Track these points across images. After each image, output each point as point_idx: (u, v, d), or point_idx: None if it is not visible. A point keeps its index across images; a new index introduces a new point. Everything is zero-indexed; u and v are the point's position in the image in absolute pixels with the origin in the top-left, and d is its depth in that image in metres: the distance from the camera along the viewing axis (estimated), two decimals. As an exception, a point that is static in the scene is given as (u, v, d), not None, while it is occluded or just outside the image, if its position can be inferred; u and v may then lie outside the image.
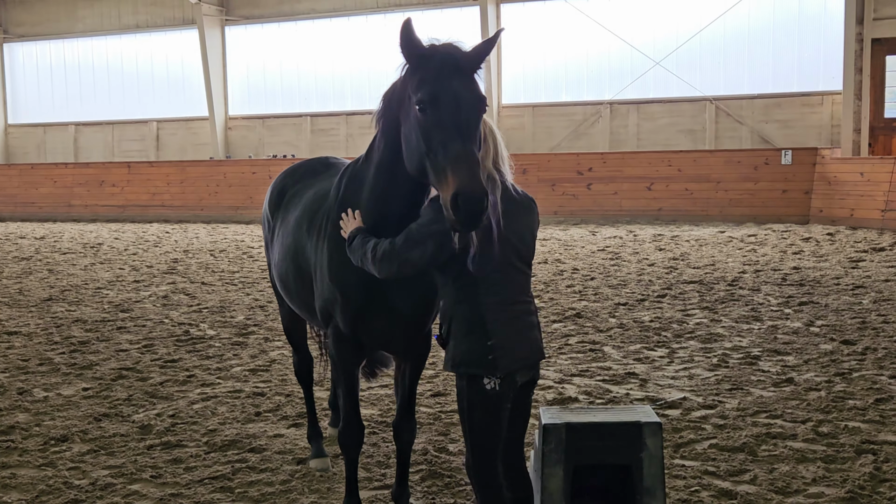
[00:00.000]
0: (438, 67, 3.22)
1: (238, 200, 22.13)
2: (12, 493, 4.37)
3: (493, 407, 3.32)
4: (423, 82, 3.20)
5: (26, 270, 13.02)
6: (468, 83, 3.25)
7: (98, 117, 27.29)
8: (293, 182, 4.57)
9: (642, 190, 19.24)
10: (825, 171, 17.87)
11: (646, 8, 21.25)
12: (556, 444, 3.69)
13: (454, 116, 3.14)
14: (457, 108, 3.15)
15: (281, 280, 4.40)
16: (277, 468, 4.69)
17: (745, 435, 5.03)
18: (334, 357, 3.81)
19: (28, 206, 24.60)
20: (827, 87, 19.79)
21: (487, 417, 3.34)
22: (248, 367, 6.90)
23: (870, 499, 4.15)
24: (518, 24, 22.34)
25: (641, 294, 9.88)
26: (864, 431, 5.08)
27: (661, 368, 6.66)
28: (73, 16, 27.12)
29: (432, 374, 6.53)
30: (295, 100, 24.74)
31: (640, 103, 21.44)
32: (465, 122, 3.15)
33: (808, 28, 19.94)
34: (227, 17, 25.10)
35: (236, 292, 10.60)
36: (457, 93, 3.18)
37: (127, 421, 5.54)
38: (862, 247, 13.56)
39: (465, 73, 3.26)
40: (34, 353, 7.48)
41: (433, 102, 3.15)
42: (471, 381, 3.32)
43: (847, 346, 7.17)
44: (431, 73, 3.21)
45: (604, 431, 3.71)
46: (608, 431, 3.71)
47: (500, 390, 3.29)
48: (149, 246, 16.38)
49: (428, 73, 3.21)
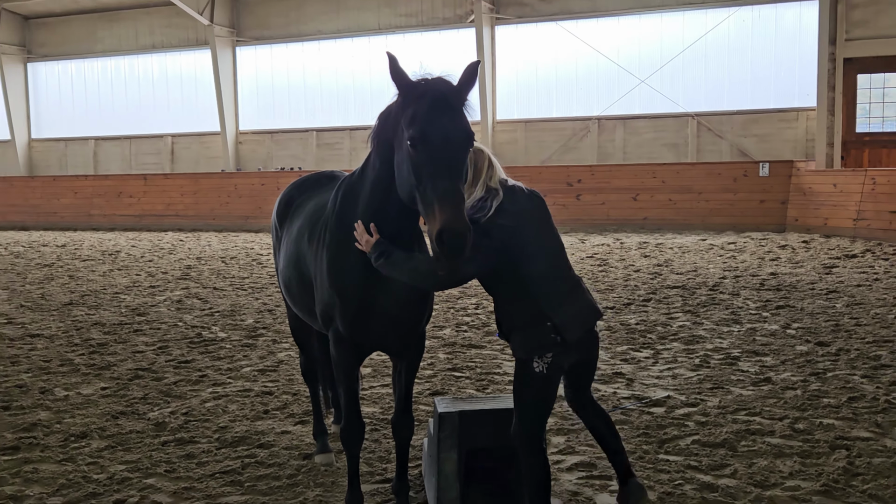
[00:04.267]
0: (429, 105, 3.23)
1: (248, 210, 22.15)
2: (34, 487, 4.37)
3: (541, 386, 3.48)
4: (415, 120, 3.22)
5: (48, 276, 13.02)
6: (457, 120, 3.27)
7: (116, 132, 27.30)
8: (299, 194, 4.58)
9: (628, 200, 19.27)
10: (800, 182, 17.91)
11: (631, 29, 21.32)
12: (450, 430, 3.81)
13: (442, 155, 3.17)
14: (445, 146, 3.19)
15: (285, 285, 4.40)
16: (284, 463, 4.68)
17: (725, 431, 5.03)
18: (335, 358, 3.81)
19: (50, 216, 24.62)
20: (802, 103, 19.86)
21: (537, 395, 3.49)
22: (257, 368, 6.89)
23: (843, 492, 4.14)
24: (511, 44, 22.43)
25: (628, 298, 9.89)
26: (838, 428, 5.08)
27: (647, 368, 6.66)
28: (93, 37, 27.17)
29: (430, 374, 6.53)
30: (301, 115, 24.79)
31: (626, 119, 21.49)
32: (452, 160, 3.19)
33: (784, 48, 20.01)
34: (238, 38, 25.15)
35: (246, 297, 10.60)
36: (446, 131, 3.21)
37: (143, 418, 5.53)
38: (835, 254, 13.58)
39: (455, 108, 3.28)
40: (55, 354, 7.47)
41: (423, 140, 3.18)
42: (524, 364, 3.48)
43: (821, 348, 7.18)
44: (422, 109, 3.23)
45: (493, 418, 3.85)
46: (497, 417, 3.83)
47: (546, 373, 3.45)
48: (164, 253, 16.38)
49: (419, 110, 3.23)
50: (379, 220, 3.53)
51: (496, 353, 7.25)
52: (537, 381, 3.47)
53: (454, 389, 6.12)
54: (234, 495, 4.24)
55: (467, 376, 6.47)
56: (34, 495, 4.25)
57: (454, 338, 7.85)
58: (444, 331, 8.17)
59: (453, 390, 6.09)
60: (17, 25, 27.76)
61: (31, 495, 4.26)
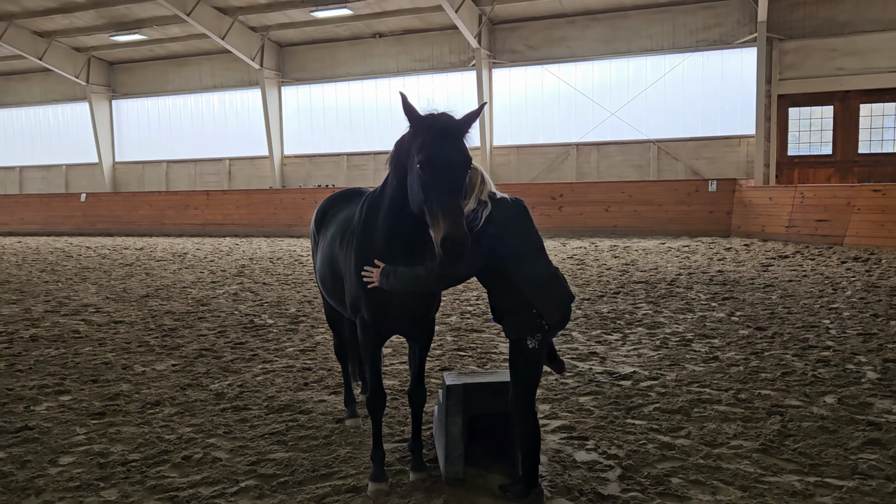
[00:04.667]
0: (434, 135, 3.25)
1: (291, 220, 22.20)
2: (118, 445, 4.38)
3: (534, 359, 3.51)
4: (423, 146, 3.23)
5: (129, 274, 13.07)
6: (458, 147, 3.28)
7: (184, 156, 27.40)
8: (332, 206, 4.58)
9: (601, 211, 19.24)
10: (742, 196, 17.85)
11: (604, 70, 21.32)
12: (456, 399, 3.79)
13: (446, 176, 3.19)
14: (448, 169, 3.21)
15: (321, 281, 4.40)
16: (321, 426, 4.69)
17: (681, 400, 5.01)
18: (361, 340, 3.81)
19: (130, 225, 24.73)
20: (743, 131, 19.82)
21: (531, 367, 3.52)
22: (298, 348, 6.90)
23: (778, 450, 4.12)
24: (505, 84, 22.42)
25: (601, 291, 9.87)
26: (773, 398, 5.06)
27: (616, 349, 6.65)
28: (165, 78, 27.28)
29: (439, 353, 6.53)
30: (335, 142, 24.84)
31: (600, 144, 21.46)
32: (454, 180, 3.21)
33: (728, 86, 19.98)
34: (283, 79, 25.20)
35: (290, 290, 10.62)
36: (449, 157, 3.22)
37: (205, 390, 5.55)
38: (771, 255, 13.53)
39: (456, 138, 3.30)
40: (135, 337, 7.50)
41: (430, 164, 3.20)
42: (520, 343, 3.49)
43: (760, 332, 7.15)
44: (429, 139, 3.24)
45: (492, 389, 3.84)
46: (495, 389, 3.83)
47: (538, 348, 3.49)
48: (222, 255, 16.42)
49: (427, 138, 3.24)
50: (395, 229, 3.53)
51: (493, 336, 7.24)
52: (531, 356, 3.48)
53: (459, 366, 6.12)
54: (279, 452, 4.25)
55: (470, 355, 6.47)
56: (117, 452, 4.27)
57: (459, 323, 7.85)
58: (451, 318, 8.17)
59: (459, 366, 6.09)
60: (104, 70, 27.89)
61: (114, 452, 4.27)
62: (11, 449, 4.33)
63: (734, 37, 19.67)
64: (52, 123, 29.56)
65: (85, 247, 19.41)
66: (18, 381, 5.79)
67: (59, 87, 28.81)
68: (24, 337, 7.49)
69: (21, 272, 13.51)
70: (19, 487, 3.78)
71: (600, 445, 4.22)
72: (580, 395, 5.20)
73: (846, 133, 18.38)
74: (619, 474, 3.83)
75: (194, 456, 4.18)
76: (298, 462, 4.06)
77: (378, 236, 3.59)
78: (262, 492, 3.70)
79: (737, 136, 19.96)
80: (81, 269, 13.96)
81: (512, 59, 22.13)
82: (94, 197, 26.01)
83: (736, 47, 19.69)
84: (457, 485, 3.72)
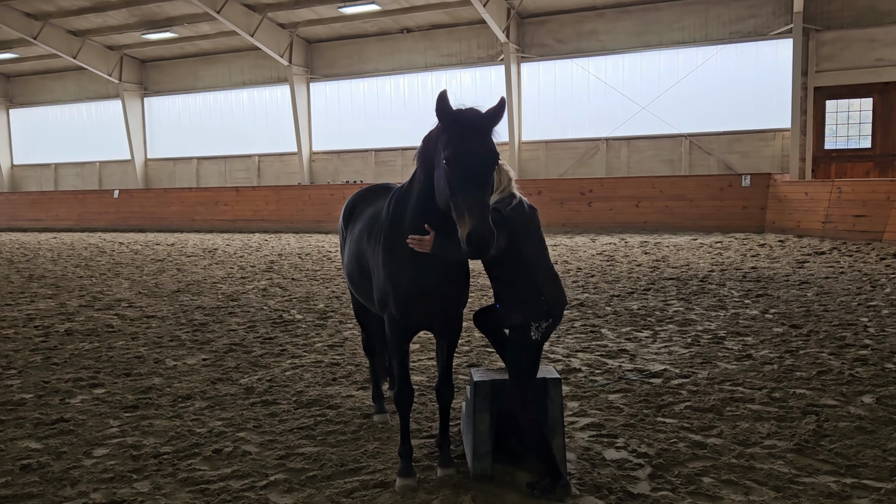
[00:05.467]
0: (461, 130, 3.26)
1: (319, 216, 22.35)
2: (150, 438, 4.46)
3: (535, 349, 3.65)
4: (450, 142, 3.24)
5: (160, 269, 13.25)
6: (485, 142, 3.29)
7: (214, 153, 27.75)
8: (360, 201, 4.59)
9: (632, 207, 19.05)
10: (777, 191, 17.55)
11: (634, 64, 21.09)
12: (483, 395, 3.80)
13: (471, 171, 3.20)
14: (474, 164, 3.21)
15: (349, 276, 4.41)
16: (349, 421, 4.71)
17: (713, 399, 4.95)
18: (389, 336, 3.81)
19: (162, 221, 25.10)
20: (778, 125, 19.47)
21: (532, 356, 3.65)
22: (327, 344, 6.94)
23: (813, 450, 4.05)
24: (534, 78, 22.31)
25: (631, 288, 9.78)
26: (809, 397, 4.97)
27: (647, 346, 6.58)
28: (196, 76, 27.63)
29: (467, 349, 6.53)
30: (362, 138, 24.94)
31: (630, 139, 21.25)
32: (479, 174, 3.22)
33: (763, 79, 19.63)
34: (311, 75, 25.38)
35: (318, 286, 10.68)
36: (475, 152, 3.23)
37: (235, 384, 5.60)
38: (807, 251, 13.28)
39: (483, 133, 3.30)
40: (166, 331, 7.60)
41: (456, 160, 3.21)
42: (522, 332, 3.62)
43: (794, 330, 7.03)
44: (456, 134, 3.25)
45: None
46: None
47: (540, 340, 3.64)
48: (252, 250, 16.59)
49: (454, 134, 3.25)
50: (423, 223, 3.54)
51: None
52: (532, 346, 3.62)
53: (487, 362, 6.11)
54: (308, 446, 4.28)
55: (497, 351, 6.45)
56: (150, 445, 4.34)
57: (487, 320, 7.82)
58: (479, 314, 8.15)
59: (486, 363, 6.09)
60: (136, 68, 28.33)
61: (147, 445, 4.34)
62: (48, 440, 4.43)
63: (769, 28, 19.32)
64: (85, 121, 30.14)
65: (118, 242, 19.77)
66: (54, 374, 5.92)
67: (92, 86, 29.34)
68: (59, 331, 7.66)
69: (56, 267, 13.80)
70: (56, 478, 3.87)
71: (630, 444, 4.19)
72: (609, 393, 5.17)
73: (886, 126, 17.96)
74: (649, 473, 3.79)
75: (224, 449, 4.22)
76: (327, 456, 4.09)
77: (406, 231, 3.60)
78: (290, 486, 3.74)
79: (771, 130, 19.61)
80: (114, 264, 14.22)
81: (541, 53, 22.00)
82: (127, 193, 26.46)
83: (771, 39, 19.34)
84: (484, 481, 3.72)
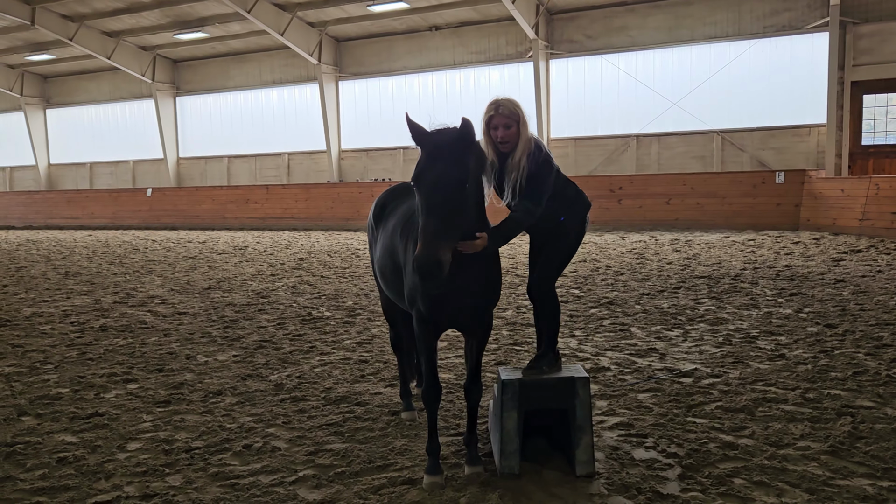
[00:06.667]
0: (427, 153, 3.32)
1: (348, 213, 22.49)
2: (182, 433, 4.52)
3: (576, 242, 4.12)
4: (417, 164, 3.31)
5: (192, 266, 13.44)
6: (447, 167, 3.28)
7: (245, 151, 28.06)
8: (391, 199, 4.61)
9: (662, 204, 18.85)
10: (812, 188, 17.23)
11: (665, 59, 20.85)
12: (511, 394, 3.78)
13: (431, 198, 3.23)
14: (433, 189, 3.24)
15: (380, 272, 4.43)
16: (377, 418, 4.73)
17: (745, 399, 4.88)
18: (417, 333, 3.83)
19: (193, 218, 25.46)
20: (813, 120, 19.12)
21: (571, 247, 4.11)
22: (355, 341, 6.97)
23: (848, 452, 3.98)
24: (563, 75, 22.17)
25: (661, 286, 9.68)
26: (844, 398, 4.87)
27: (677, 345, 6.52)
28: (227, 75, 27.97)
29: (495, 347, 6.52)
30: (391, 136, 24.99)
31: (661, 136, 21.02)
32: (440, 201, 3.22)
33: (797, 73, 19.28)
34: (340, 74, 25.53)
35: (347, 283, 10.75)
36: (436, 177, 3.26)
37: (265, 380, 5.65)
38: (842, 249, 13.02)
39: (448, 156, 3.30)
40: (198, 328, 7.69)
41: (417, 183, 3.29)
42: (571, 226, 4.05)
43: (829, 329, 6.90)
44: (423, 156, 3.33)
45: (547, 384, 3.83)
46: (550, 384, 3.82)
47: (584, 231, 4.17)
48: (281, 248, 16.74)
49: (421, 156, 3.33)
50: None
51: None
52: (578, 238, 4.07)
53: (515, 360, 6.10)
54: (336, 443, 4.31)
55: (526, 350, 6.44)
56: (181, 439, 4.41)
57: (515, 318, 7.82)
58: (507, 312, 8.15)
59: (514, 361, 6.07)
60: (168, 68, 28.77)
61: (179, 439, 4.41)
62: (83, 434, 4.53)
63: (804, 21, 18.96)
64: (119, 120, 30.69)
65: (151, 240, 20.10)
66: (89, 370, 6.04)
67: (126, 86, 29.86)
68: (94, 327, 7.81)
69: (91, 265, 14.08)
70: (90, 471, 3.95)
71: (659, 443, 4.15)
72: (639, 392, 5.12)
73: (926, 121, 17.51)
74: (678, 473, 3.76)
75: (254, 445, 4.27)
76: (355, 453, 4.12)
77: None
78: (319, 481, 3.77)
79: (806, 126, 19.25)
80: (147, 261, 14.45)
81: (570, 49, 21.86)
82: (160, 192, 26.88)
83: (806, 32, 18.98)
84: (512, 479, 3.72)
